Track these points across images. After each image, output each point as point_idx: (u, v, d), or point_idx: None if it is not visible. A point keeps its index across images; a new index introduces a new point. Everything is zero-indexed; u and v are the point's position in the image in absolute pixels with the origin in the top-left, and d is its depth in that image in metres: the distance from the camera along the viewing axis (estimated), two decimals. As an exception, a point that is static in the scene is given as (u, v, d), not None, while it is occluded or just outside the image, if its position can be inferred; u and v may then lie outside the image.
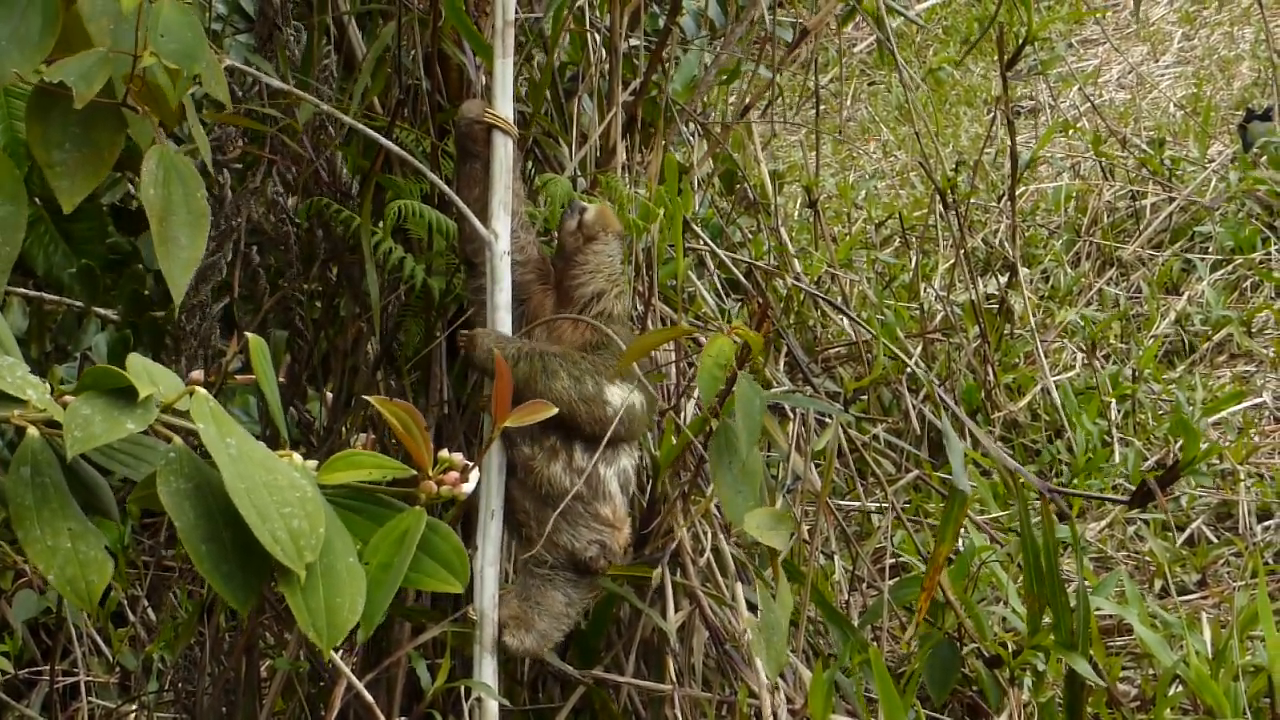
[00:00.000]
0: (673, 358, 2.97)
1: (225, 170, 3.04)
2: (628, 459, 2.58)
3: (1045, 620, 2.88)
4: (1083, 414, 4.42)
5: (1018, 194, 4.97)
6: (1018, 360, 4.78)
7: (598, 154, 3.05)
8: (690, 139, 4.00)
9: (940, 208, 4.77)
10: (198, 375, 1.43)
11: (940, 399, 3.48)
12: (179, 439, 1.38)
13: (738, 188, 4.52)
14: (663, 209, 2.83)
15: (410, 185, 2.85)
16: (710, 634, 2.75)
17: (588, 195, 2.91)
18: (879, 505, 3.71)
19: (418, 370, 3.01)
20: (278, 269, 3.20)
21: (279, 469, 1.37)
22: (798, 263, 4.63)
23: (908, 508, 3.96)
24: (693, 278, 3.56)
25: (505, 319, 2.54)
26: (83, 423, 1.32)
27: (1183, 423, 3.93)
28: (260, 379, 1.53)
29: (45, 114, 1.78)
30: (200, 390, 1.38)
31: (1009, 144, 4.61)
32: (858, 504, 3.80)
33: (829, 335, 4.68)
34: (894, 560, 3.73)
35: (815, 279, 4.79)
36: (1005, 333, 4.78)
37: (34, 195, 1.86)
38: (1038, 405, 4.55)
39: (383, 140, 2.58)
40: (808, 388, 3.55)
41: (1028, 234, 5.53)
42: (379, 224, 2.83)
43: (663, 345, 2.84)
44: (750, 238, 4.55)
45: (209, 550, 1.34)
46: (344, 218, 2.86)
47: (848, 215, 5.91)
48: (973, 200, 5.40)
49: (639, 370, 2.56)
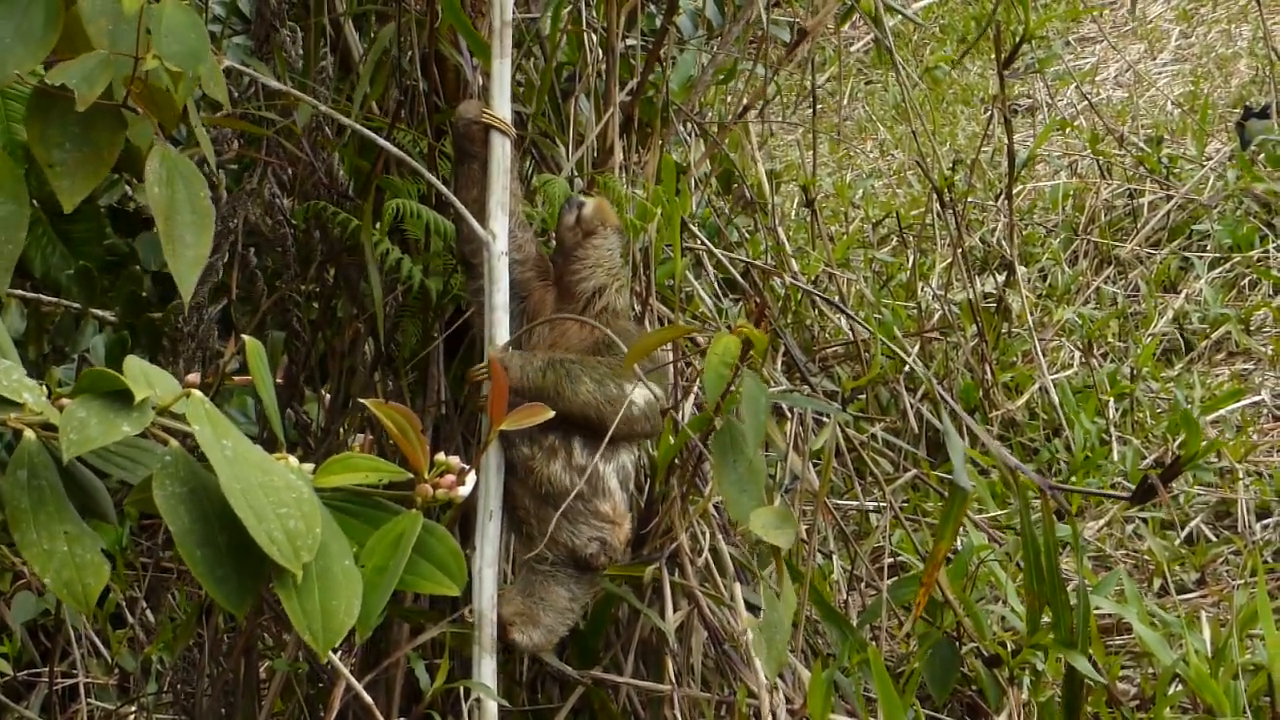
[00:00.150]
0: (670, 358, 2.96)
1: (221, 171, 3.04)
2: (627, 455, 2.58)
3: (1044, 619, 2.88)
4: (1081, 412, 4.42)
5: (1015, 192, 4.97)
6: (1015, 359, 4.78)
7: (595, 154, 3.05)
8: (687, 139, 4.00)
9: (937, 206, 4.77)
10: (194, 378, 1.42)
11: (940, 396, 3.48)
12: (175, 442, 1.38)
13: (735, 187, 4.53)
14: (660, 209, 2.83)
15: (408, 186, 2.85)
16: (709, 634, 2.75)
17: (585, 192, 2.91)
18: (877, 504, 3.71)
19: (415, 371, 3.01)
20: (275, 270, 3.20)
21: (275, 470, 1.37)
22: (795, 262, 4.63)
23: (906, 507, 3.96)
24: (690, 278, 3.56)
25: (503, 319, 2.54)
26: (79, 426, 1.32)
27: (1185, 416, 3.92)
28: (257, 382, 1.53)
29: (45, 114, 1.78)
30: (196, 393, 1.38)
31: (1006, 143, 4.61)
32: (856, 503, 3.80)
33: (826, 335, 4.68)
34: (892, 560, 3.73)
35: (813, 278, 4.80)
36: (1003, 331, 4.78)
37: (32, 197, 1.87)
38: (1035, 404, 4.55)
39: (382, 141, 2.58)
40: (805, 387, 3.54)
41: (1025, 232, 5.53)
42: (377, 225, 2.83)
43: (664, 345, 2.84)
44: (747, 237, 4.55)
45: (204, 555, 1.33)
46: (341, 219, 2.86)
47: (845, 214, 5.91)
48: (970, 199, 5.40)
49: (639, 370, 2.56)
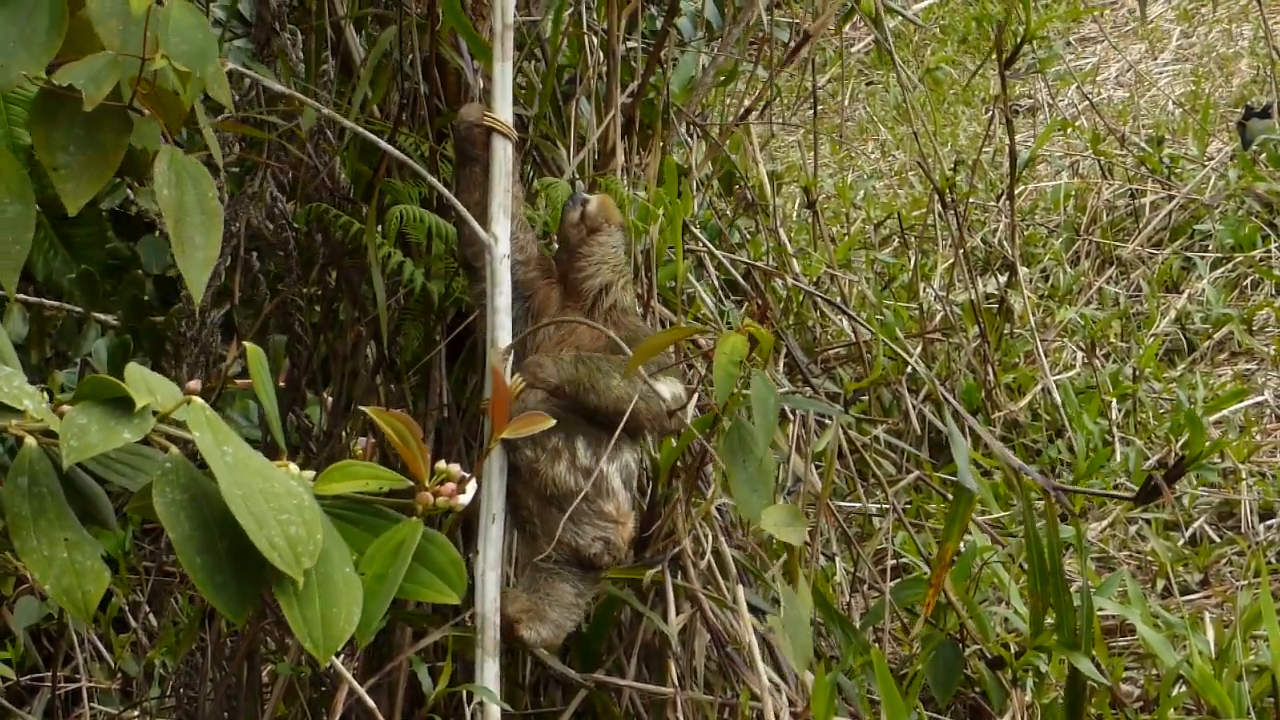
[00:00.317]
0: (672, 360, 2.96)
1: (222, 175, 3.04)
2: (630, 453, 2.58)
3: (1048, 621, 2.88)
4: (1083, 413, 4.42)
5: (1016, 193, 4.97)
6: (1018, 360, 4.78)
7: (596, 156, 3.05)
8: (688, 141, 4.00)
9: (939, 207, 4.76)
10: (195, 385, 1.42)
11: (943, 397, 3.47)
12: (175, 449, 1.38)
13: (736, 189, 4.52)
14: (662, 211, 2.83)
15: (409, 189, 2.85)
16: (712, 637, 2.75)
17: (588, 189, 2.91)
18: (880, 506, 3.71)
19: (417, 374, 3.01)
20: (277, 274, 3.20)
21: (275, 477, 1.37)
22: (796, 263, 4.63)
23: (909, 509, 3.96)
24: (692, 279, 3.56)
25: (505, 322, 2.54)
26: (79, 432, 1.31)
27: (1189, 416, 3.92)
28: (257, 388, 1.52)
29: (50, 116, 1.78)
30: (197, 399, 1.38)
31: (1008, 143, 4.61)
32: (858, 505, 3.80)
33: (828, 336, 4.68)
34: (895, 561, 3.72)
35: (814, 279, 4.79)
36: (1005, 332, 4.78)
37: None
38: (1038, 405, 4.55)
39: (384, 145, 2.58)
40: (807, 389, 3.54)
41: (1027, 233, 5.53)
42: (379, 229, 2.83)
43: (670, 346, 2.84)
44: (749, 239, 4.55)
45: (204, 561, 1.33)
46: (343, 222, 2.86)
47: (846, 215, 5.90)
48: (971, 200, 5.40)
49: (643, 372, 2.56)
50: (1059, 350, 4.91)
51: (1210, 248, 5.27)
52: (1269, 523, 4.00)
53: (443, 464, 1.53)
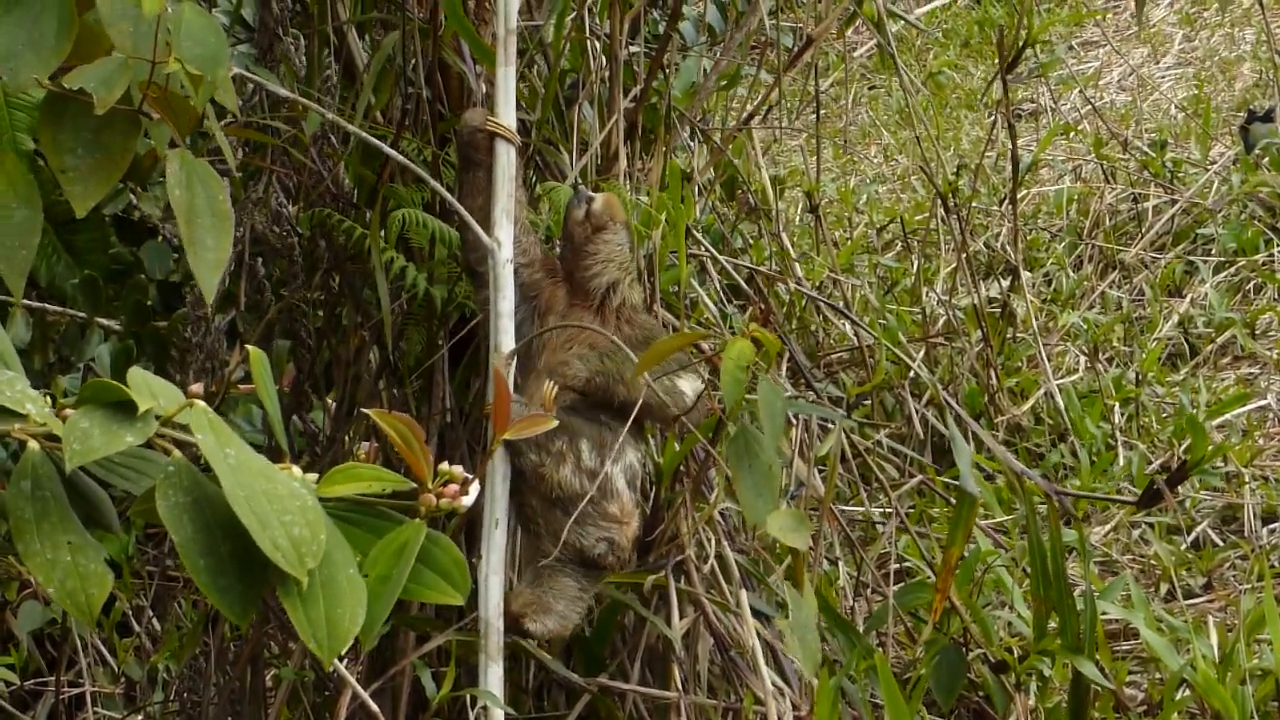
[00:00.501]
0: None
1: (225, 180, 3.04)
2: (634, 453, 2.59)
3: (1051, 625, 2.87)
4: (1086, 417, 4.42)
5: (1019, 197, 4.97)
6: (1020, 364, 4.78)
7: (599, 161, 3.05)
8: (691, 145, 4.01)
9: (942, 212, 4.76)
10: (198, 388, 1.42)
11: (945, 401, 3.47)
12: (178, 452, 1.38)
13: (739, 193, 4.52)
14: (665, 215, 2.83)
15: (412, 194, 2.85)
16: (715, 641, 2.75)
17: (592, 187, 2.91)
18: (883, 511, 3.70)
19: (420, 379, 3.01)
20: (281, 279, 3.20)
21: (278, 478, 1.37)
22: (799, 268, 4.63)
23: (912, 513, 3.96)
24: (695, 284, 3.56)
25: (508, 327, 2.54)
26: (81, 436, 1.32)
27: (1191, 421, 3.91)
28: (260, 392, 1.53)
29: (58, 119, 1.78)
30: (199, 403, 1.38)
31: (1010, 147, 4.61)
32: (861, 510, 3.80)
33: (831, 340, 4.68)
34: (898, 566, 3.72)
35: (817, 284, 4.79)
36: (1008, 336, 4.78)
37: (35, 205, 1.88)
38: (1041, 409, 4.55)
39: (387, 150, 2.58)
40: (810, 393, 3.54)
41: (1029, 237, 5.53)
42: (383, 234, 2.83)
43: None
44: (752, 243, 4.55)
45: (207, 564, 1.33)
46: (346, 227, 2.86)
47: (849, 220, 5.90)
48: (974, 204, 5.39)
49: (683, 361, 2.58)
50: (1062, 354, 4.90)
51: (1213, 252, 5.26)
52: (1272, 526, 3.99)
53: (445, 466, 1.53)
